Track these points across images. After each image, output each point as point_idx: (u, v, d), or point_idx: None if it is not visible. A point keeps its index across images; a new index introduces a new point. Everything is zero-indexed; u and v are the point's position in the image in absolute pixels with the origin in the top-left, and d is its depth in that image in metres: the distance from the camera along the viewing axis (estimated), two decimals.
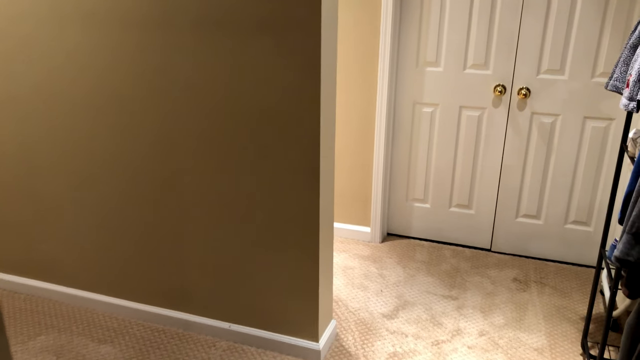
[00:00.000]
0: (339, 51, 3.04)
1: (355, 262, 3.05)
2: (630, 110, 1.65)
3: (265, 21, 1.82)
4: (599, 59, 2.73)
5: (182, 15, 1.93)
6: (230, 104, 1.98)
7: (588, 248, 3.02)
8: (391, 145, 3.21)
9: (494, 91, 2.92)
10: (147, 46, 2.02)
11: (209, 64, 1.96)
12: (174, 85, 2.04)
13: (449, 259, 3.11)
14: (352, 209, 3.29)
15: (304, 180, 1.99)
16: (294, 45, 1.82)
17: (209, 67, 1.96)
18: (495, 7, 2.82)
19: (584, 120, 2.84)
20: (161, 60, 2.02)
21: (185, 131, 2.09)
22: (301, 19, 1.78)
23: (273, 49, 1.84)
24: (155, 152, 2.17)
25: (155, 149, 2.16)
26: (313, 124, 1.90)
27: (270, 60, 1.87)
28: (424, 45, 2.99)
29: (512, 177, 3.05)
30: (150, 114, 2.12)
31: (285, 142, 1.96)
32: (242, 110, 1.98)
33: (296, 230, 2.06)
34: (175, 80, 2.03)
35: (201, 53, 1.95)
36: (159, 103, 2.09)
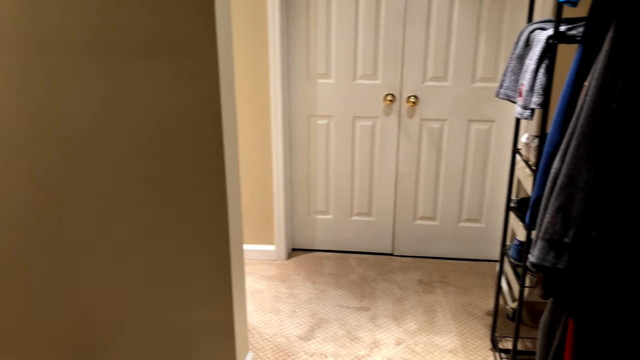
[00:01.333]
0: None
1: (263, 284, 2.94)
2: (525, 118, 1.74)
3: (159, 44, 1.65)
4: (478, 65, 2.89)
5: (69, 38, 1.69)
6: (123, 132, 1.78)
7: (481, 243, 3.19)
8: (289, 159, 3.14)
9: (385, 100, 2.98)
10: (29, 72, 1.75)
11: (100, 89, 1.74)
12: (58, 114, 1.79)
13: (356, 268, 3.11)
14: (254, 228, 3.18)
15: (210, 208, 1.85)
16: (191, 68, 1.68)
17: (100, 93, 1.75)
18: (380, 19, 2.87)
19: (469, 123, 2.99)
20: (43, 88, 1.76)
21: (77, 165, 1.84)
22: (197, 40, 1.65)
23: (169, 72, 1.68)
24: (42, 188, 1.89)
25: (42, 183, 1.89)
26: (216, 148, 1.77)
27: (167, 85, 1.70)
28: (313, 57, 2.96)
29: (408, 182, 3.13)
30: (35, 147, 1.84)
31: (187, 169, 1.80)
32: (138, 138, 1.79)
33: (205, 262, 1.91)
34: (60, 108, 1.78)
35: (88, 78, 1.73)
36: (43, 134, 1.82)
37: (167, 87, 1.70)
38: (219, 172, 1.80)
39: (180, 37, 1.64)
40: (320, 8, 2.88)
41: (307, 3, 2.87)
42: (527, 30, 1.91)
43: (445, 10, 2.81)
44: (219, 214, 1.84)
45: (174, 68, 1.68)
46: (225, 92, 1.77)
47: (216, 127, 1.75)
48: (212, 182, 1.81)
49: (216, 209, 1.84)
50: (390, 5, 2.84)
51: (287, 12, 2.90)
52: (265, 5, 2.78)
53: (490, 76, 2.90)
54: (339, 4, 2.85)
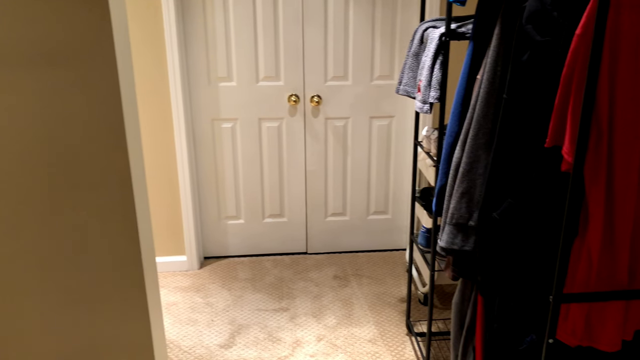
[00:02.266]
0: None
1: (177, 296, 2.85)
2: (425, 112, 1.83)
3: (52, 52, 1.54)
4: (375, 63, 3.00)
5: None
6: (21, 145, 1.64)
7: (390, 234, 3.32)
8: (195, 166, 3.07)
9: (289, 101, 3.00)
10: None
11: None
12: None
13: (271, 270, 3.11)
14: (163, 239, 3.07)
15: (118, 223, 1.76)
16: (89, 75, 1.58)
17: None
18: (278, 21, 2.89)
19: (370, 120, 3.10)
20: None
21: None
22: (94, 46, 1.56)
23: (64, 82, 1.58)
24: None
25: None
26: (121, 158, 1.69)
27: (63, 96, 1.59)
28: (213, 60, 2.92)
29: (317, 181, 3.18)
30: None
31: (92, 182, 1.70)
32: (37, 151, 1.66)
33: (118, 278, 1.81)
34: None
35: None
36: None
37: (64, 96, 1.59)
38: (126, 184, 1.71)
39: (77, 43, 1.55)
40: (217, 11, 2.84)
41: (203, 6, 2.82)
42: (420, 29, 2.02)
43: (341, 11, 2.89)
44: (128, 227, 1.76)
45: (71, 76, 1.57)
46: (126, 98, 1.69)
47: (119, 136, 1.67)
48: (118, 194, 1.72)
49: (125, 222, 1.75)
50: (288, 7, 2.86)
51: (184, 16, 2.83)
52: (160, 11, 2.69)
53: (387, 74, 3.02)
54: (236, 6, 2.83)
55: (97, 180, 1.70)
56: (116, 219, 1.75)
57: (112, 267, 1.81)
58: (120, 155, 1.68)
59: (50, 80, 1.60)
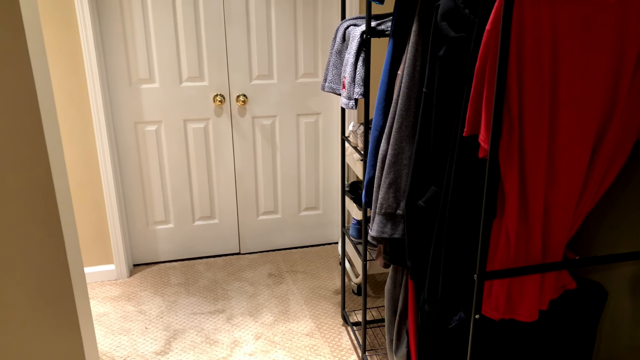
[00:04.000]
0: None
1: (107, 306, 2.75)
2: (350, 108, 1.89)
3: None
4: (299, 62, 3.04)
5: None
6: None
7: (321, 229, 3.38)
8: (119, 171, 2.97)
9: (214, 101, 2.98)
10: None
11: None
12: None
13: (205, 273, 3.07)
14: (90, 249, 2.94)
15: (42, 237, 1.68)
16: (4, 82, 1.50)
17: None
18: (199, 22, 2.85)
19: (297, 117, 3.14)
20: None
21: None
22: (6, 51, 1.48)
23: None
24: None
25: None
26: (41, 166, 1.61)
27: None
28: (133, 62, 2.84)
29: (247, 180, 3.18)
30: None
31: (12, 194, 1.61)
32: None
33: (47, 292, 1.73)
34: None
35: None
36: None
37: None
38: (48, 193, 1.64)
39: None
40: (135, 12, 2.76)
41: (120, 7, 2.73)
42: (342, 27, 2.07)
43: (263, 12, 2.90)
44: (53, 238, 1.69)
45: None
46: (44, 104, 1.62)
47: (39, 144, 1.60)
48: (41, 204, 1.65)
49: (50, 233, 1.68)
50: (209, 8, 2.84)
51: (100, 17, 2.73)
52: (74, 14, 2.58)
53: (311, 72, 3.07)
54: (155, 7, 2.77)
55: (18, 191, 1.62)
56: (40, 229, 1.67)
57: (38, 280, 1.73)
58: (40, 165, 1.61)
59: None
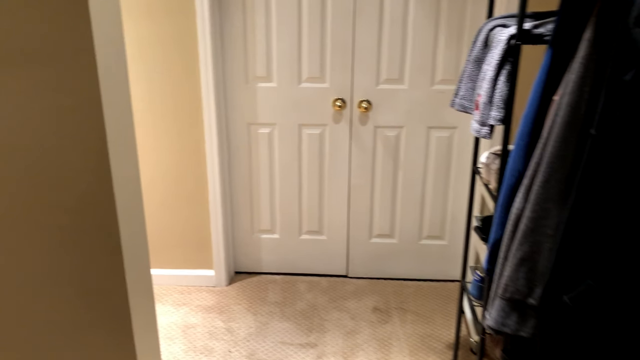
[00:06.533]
0: (149, 72, 2.53)
1: (197, 317, 2.58)
2: (483, 136, 1.42)
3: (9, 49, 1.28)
4: (437, 65, 2.57)
5: None
6: None
7: (444, 262, 2.89)
8: (228, 173, 2.78)
9: (334, 106, 2.64)
10: None
11: None
12: None
13: (305, 294, 2.78)
14: (190, 251, 2.81)
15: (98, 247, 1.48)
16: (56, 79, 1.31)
17: None
18: (326, 16, 2.53)
19: (428, 130, 2.68)
20: None
21: None
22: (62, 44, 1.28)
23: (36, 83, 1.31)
24: None
25: None
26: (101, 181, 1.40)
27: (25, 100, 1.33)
28: (252, 58, 2.61)
29: (362, 197, 2.80)
30: None
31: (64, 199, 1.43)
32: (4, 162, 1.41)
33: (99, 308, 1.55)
34: None
35: None
36: None
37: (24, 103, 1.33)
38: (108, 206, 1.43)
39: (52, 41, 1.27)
40: (258, 2, 2.52)
41: None
42: (486, 28, 1.59)
43: (400, 4, 2.49)
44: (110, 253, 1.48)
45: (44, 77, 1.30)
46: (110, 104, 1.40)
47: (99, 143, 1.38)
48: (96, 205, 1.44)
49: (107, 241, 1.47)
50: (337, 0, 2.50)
51: (220, 8, 2.53)
52: (193, 2, 2.41)
53: (451, 78, 2.59)
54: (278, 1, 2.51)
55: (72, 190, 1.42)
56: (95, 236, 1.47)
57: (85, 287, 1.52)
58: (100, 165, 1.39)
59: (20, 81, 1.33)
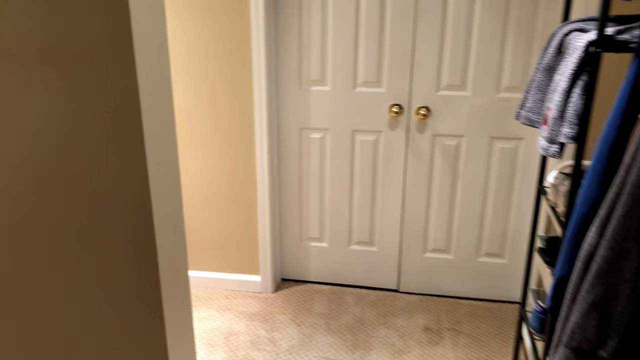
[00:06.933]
0: (203, 71, 2.50)
1: (241, 324, 2.53)
2: (552, 155, 1.26)
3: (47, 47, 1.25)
4: (504, 71, 2.39)
5: None
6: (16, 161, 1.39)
7: (503, 282, 2.69)
8: (278, 178, 2.72)
9: (390, 112, 2.51)
10: None
11: None
12: None
13: (352, 307, 2.66)
14: (238, 256, 2.77)
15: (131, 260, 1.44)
16: (94, 82, 1.27)
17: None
18: (385, 18, 2.40)
19: (491, 140, 2.50)
20: None
21: None
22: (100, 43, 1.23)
23: (63, 86, 1.28)
24: None
25: None
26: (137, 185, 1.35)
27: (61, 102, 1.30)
28: (306, 61, 2.52)
29: (417, 209, 2.66)
30: None
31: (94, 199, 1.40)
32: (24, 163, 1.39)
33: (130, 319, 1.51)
34: None
35: None
36: None
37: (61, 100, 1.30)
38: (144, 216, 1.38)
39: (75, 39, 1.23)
40: (314, 3, 2.43)
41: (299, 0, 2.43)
42: (560, 32, 1.42)
43: (465, 6, 2.33)
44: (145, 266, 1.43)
45: (70, 78, 1.27)
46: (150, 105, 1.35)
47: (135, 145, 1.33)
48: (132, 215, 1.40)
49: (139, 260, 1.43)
50: (398, 1, 2.37)
51: (275, 9, 2.47)
52: (247, 1, 2.36)
53: (518, 85, 2.39)
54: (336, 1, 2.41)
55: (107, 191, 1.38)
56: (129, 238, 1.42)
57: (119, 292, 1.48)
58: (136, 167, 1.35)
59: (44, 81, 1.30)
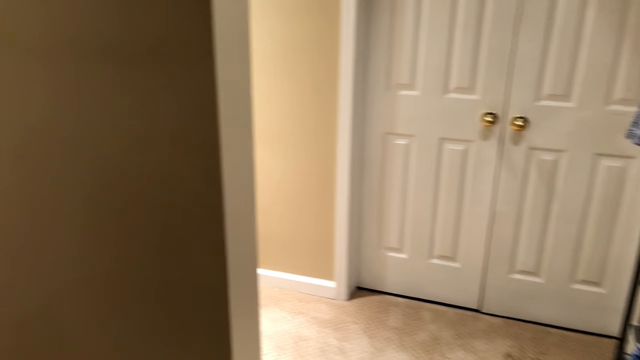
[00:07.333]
0: (289, 70, 2.47)
1: (312, 329, 2.49)
2: None
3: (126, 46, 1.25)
4: (616, 82, 2.15)
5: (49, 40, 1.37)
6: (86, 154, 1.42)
7: (600, 313, 2.44)
8: (358, 183, 2.64)
9: (482, 120, 2.35)
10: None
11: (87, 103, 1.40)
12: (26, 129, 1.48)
13: (428, 324, 2.53)
14: (314, 259, 2.73)
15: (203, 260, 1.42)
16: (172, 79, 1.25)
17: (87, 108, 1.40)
18: (484, 19, 2.24)
19: (596, 157, 2.26)
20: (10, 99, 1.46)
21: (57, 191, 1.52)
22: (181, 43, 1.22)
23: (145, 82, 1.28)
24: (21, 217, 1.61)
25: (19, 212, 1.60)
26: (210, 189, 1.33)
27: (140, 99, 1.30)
28: (396, 63, 2.42)
29: (505, 226, 2.47)
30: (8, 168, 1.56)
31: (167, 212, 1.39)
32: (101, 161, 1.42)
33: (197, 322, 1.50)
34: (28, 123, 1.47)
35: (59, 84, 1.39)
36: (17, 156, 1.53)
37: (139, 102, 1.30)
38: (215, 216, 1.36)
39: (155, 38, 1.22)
40: (408, 4, 2.32)
41: None
42: None
43: (574, 8, 2.11)
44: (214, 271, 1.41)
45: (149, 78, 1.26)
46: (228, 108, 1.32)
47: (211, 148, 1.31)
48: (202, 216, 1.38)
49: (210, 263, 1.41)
50: (500, 2, 2.19)
51: (366, 9, 2.38)
52: (339, 0, 2.30)
53: (632, 98, 2.14)
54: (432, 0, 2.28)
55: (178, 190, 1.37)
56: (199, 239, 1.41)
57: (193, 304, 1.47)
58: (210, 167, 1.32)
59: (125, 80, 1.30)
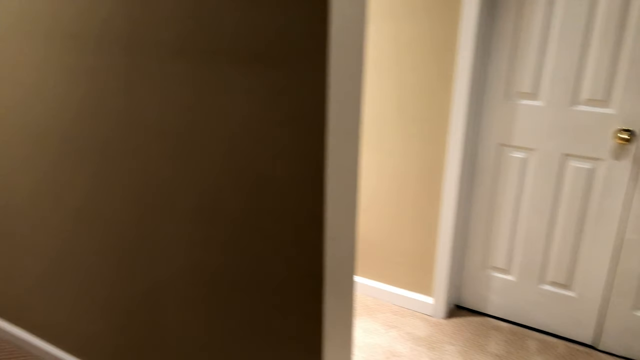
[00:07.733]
0: (402, 73, 2.36)
1: (405, 346, 2.37)
2: None
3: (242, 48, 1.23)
4: None
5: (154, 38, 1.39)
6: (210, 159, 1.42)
7: None
8: (466, 195, 2.47)
9: (616, 137, 2.10)
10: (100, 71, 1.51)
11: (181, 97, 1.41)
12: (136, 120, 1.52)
13: (534, 355, 2.32)
14: (412, 272, 2.61)
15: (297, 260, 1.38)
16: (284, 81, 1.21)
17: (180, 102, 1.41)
18: (626, 24, 1.99)
19: None
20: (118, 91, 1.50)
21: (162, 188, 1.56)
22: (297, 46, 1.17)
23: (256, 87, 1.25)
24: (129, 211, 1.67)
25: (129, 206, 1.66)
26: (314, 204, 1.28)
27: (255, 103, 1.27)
28: (519, 70, 2.23)
29: (635, 257, 2.19)
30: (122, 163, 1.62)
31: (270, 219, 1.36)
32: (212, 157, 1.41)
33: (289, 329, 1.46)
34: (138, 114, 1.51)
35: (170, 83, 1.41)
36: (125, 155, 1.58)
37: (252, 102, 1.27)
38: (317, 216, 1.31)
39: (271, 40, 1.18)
40: (537, 5, 2.12)
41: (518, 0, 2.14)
42: None
43: None
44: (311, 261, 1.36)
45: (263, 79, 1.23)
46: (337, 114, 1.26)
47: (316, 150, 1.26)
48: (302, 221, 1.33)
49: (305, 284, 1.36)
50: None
51: (490, 9, 2.21)
52: (459, 3, 2.15)
53: None
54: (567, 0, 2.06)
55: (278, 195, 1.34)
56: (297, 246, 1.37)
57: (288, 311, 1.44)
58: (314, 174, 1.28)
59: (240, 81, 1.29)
